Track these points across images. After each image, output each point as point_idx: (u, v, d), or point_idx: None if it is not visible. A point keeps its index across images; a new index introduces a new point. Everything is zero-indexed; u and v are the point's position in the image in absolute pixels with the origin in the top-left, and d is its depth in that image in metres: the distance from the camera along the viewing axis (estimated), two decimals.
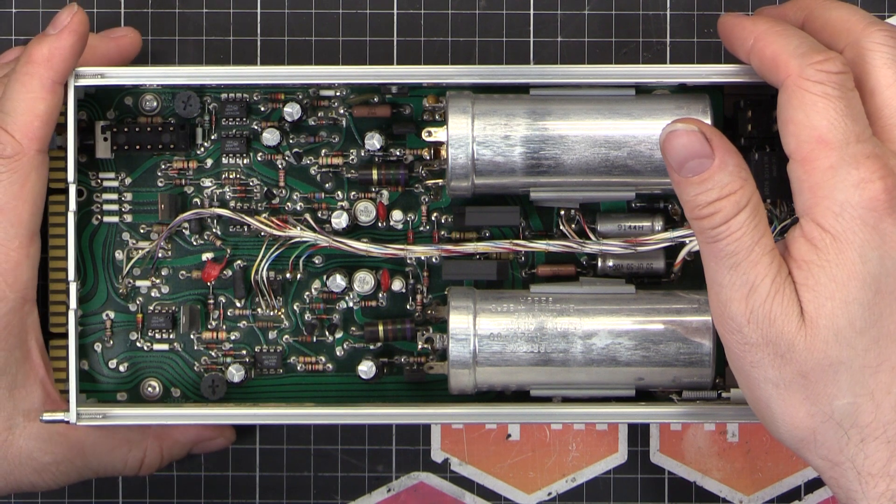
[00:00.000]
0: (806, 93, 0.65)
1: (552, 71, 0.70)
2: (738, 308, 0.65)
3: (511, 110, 0.72)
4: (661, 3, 0.80)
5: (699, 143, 0.65)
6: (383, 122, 0.75)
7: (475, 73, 0.70)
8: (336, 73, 0.71)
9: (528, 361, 0.72)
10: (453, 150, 0.72)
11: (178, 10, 0.80)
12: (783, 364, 0.65)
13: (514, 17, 0.81)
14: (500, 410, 0.72)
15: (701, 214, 0.65)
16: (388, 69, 0.71)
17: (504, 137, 0.71)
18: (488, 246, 0.74)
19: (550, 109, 0.72)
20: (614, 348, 0.72)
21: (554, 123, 0.71)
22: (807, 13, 0.70)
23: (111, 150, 0.75)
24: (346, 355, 0.76)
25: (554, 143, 0.71)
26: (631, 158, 0.71)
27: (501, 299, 0.73)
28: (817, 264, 0.64)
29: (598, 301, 0.73)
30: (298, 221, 0.75)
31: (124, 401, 0.76)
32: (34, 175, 0.71)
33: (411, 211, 0.76)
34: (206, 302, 0.76)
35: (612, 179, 0.72)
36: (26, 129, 0.70)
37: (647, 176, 0.72)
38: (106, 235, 0.76)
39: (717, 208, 0.65)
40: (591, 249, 0.74)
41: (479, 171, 0.72)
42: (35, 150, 0.71)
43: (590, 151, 0.71)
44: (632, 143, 0.71)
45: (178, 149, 0.75)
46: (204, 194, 0.76)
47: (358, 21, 0.81)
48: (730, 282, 0.65)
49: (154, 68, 0.71)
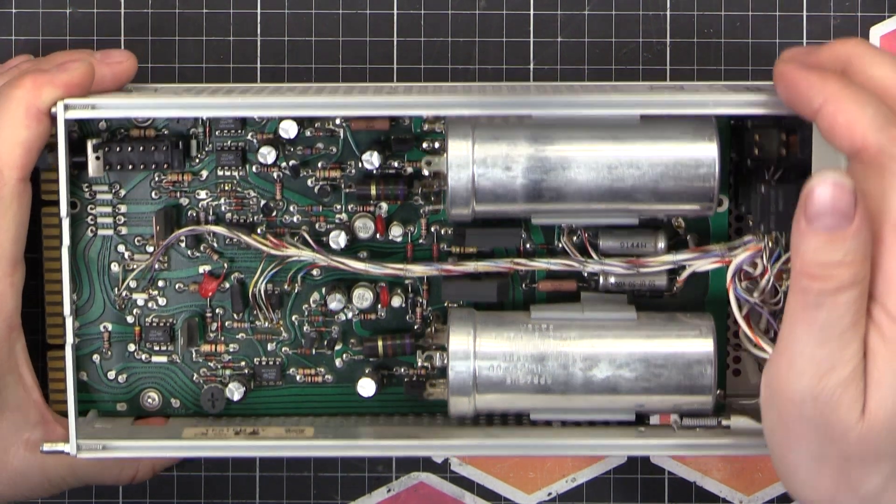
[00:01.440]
0: (887, 171, 0.61)
1: (555, 100, 0.67)
2: (810, 383, 0.61)
3: (512, 136, 0.69)
4: (661, 3, 0.78)
5: (847, 202, 0.59)
6: (381, 135, 0.73)
7: (475, 103, 0.67)
8: (331, 103, 0.68)
9: (529, 390, 0.70)
10: (453, 181, 0.69)
11: (178, 10, 0.78)
12: (829, 445, 0.62)
13: (514, 17, 0.78)
14: (500, 442, 0.71)
15: (814, 273, 0.60)
16: (389, 99, 0.68)
17: (506, 168, 0.69)
18: (489, 265, 0.72)
19: (552, 135, 0.69)
20: (615, 380, 0.70)
21: (556, 150, 0.69)
22: (846, 65, 0.65)
23: (103, 170, 0.72)
24: (345, 366, 0.75)
25: (556, 173, 0.69)
26: (635, 187, 0.69)
27: (502, 326, 0.71)
28: (884, 357, 0.61)
29: (599, 328, 0.71)
30: (296, 235, 0.73)
31: (124, 411, 0.75)
32: (15, 204, 0.68)
33: (410, 223, 0.74)
34: (204, 314, 0.74)
35: (616, 206, 0.70)
36: (7, 158, 0.67)
37: (650, 202, 0.69)
38: (101, 248, 0.74)
39: (833, 273, 0.60)
40: (593, 269, 0.72)
41: (480, 198, 0.69)
42: (16, 179, 0.68)
43: (593, 179, 0.69)
44: (636, 170, 0.69)
45: (172, 167, 0.73)
46: (199, 206, 0.74)
47: (358, 21, 0.78)
48: (811, 354, 0.61)
49: (147, 99, 0.68)
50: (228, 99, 0.68)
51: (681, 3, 0.78)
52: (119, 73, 0.72)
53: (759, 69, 0.79)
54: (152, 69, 0.79)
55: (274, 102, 0.68)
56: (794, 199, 0.67)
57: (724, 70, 0.79)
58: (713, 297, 0.74)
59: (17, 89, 0.68)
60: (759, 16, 0.79)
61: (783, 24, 0.79)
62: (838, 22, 0.79)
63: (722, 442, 0.70)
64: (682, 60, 0.78)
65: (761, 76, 0.79)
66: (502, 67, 0.79)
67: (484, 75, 0.79)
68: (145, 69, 0.79)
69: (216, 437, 0.71)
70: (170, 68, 0.79)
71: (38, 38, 0.79)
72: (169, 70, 0.79)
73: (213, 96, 0.69)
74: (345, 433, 0.72)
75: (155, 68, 0.79)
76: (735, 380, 0.76)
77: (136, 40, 0.79)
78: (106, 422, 0.74)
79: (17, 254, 0.69)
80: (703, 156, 0.69)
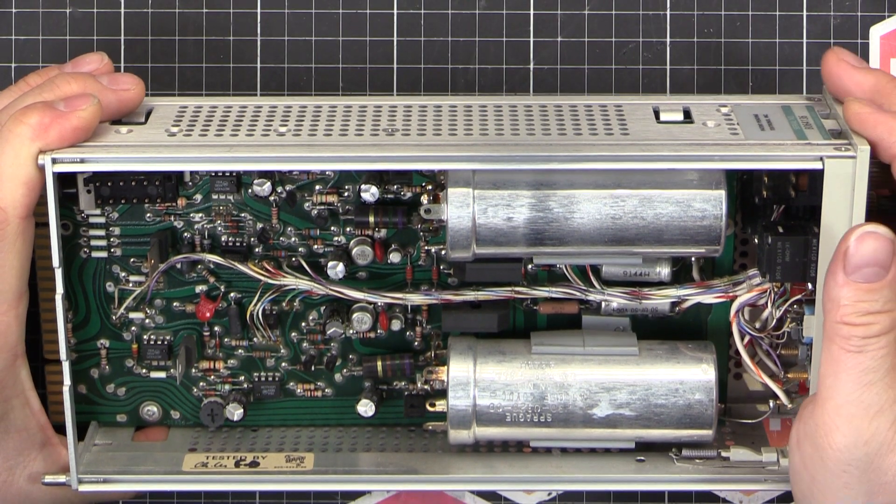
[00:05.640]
0: None
1: (562, 155, 0.63)
2: (860, 426, 0.60)
3: (514, 182, 0.65)
4: (661, 3, 0.74)
5: (886, 253, 0.60)
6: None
7: (477, 158, 0.63)
8: (328, 157, 0.63)
9: (528, 423, 0.67)
10: (453, 230, 0.65)
11: (178, 10, 0.74)
12: (878, 492, 0.61)
13: (514, 17, 0.74)
14: (501, 476, 0.68)
15: (855, 321, 0.60)
16: (387, 153, 0.63)
17: (507, 219, 0.65)
18: (489, 294, 0.69)
19: (554, 182, 0.65)
20: (615, 418, 0.67)
21: (558, 199, 0.64)
22: (877, 92, 0.64)
23: (94, 204, 0.68)
24: (345, 381, 0.72)
25: (559, 223, 0.65)
26: (639, 235, 0.65)
27: (503, 361, 0.68)
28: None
29: (600, 364, 0.68)
30: (293, 257, 0.69)
31: (124, 422, 0.72)
32: (19, 241, 0.65)
33: (410, 245, 0.70)
34: (202, 332, 0.71)
35: (619, 249, 0.66)
36: (11, 197, 0.64)
37: (654, 246, 0.65)
38: (95, 269, 0.70)
39: (875, 320, 0.60)
40: (595, 298, 0.68)
41: (481, 243, 0.65)
42: (20, 217, 0.64)
43: (596, 229, 0.65)
44: (640, 220, 0.65)
45: (165, 200, 0.68)
46: (194, 229, 0.69)
47: (358, 21, 0.74)
48: (858, 398, 0.60)
49: (139, 153, 0.63)
50: (219, 152, 0.63)
51: (681, 3, 0.74)
52: (126, 100, 0.67)
53: (758, 69, 0.75)
54: (152, 69, 0.75)
55: (268, 157, 0.63)
56: (802, 251, 0.64)
57: (724, 70, 0.75)
58: (715, 321, 0.70)
59: (23, 126, 0.63)
60: (759, 16, 0.75)
61: (783, 24, 0.75)
62: (838, 22, 0.75)
63: (721, 476, 0.68)
64: (682, 60, 0.74)
65: (761, 76, 0.75)
66: (502, 67, 0.75)
67: (484, 75, 0.75)
68: (145, 69, 0.75)
69: (216, 470, 0.69)
70: (170, 68, 0.75)
71: (38, 38, 0.75)
72: (169, 70, 0.75)
73: (203, 149, 0.64)
74: (344, 461, 0.69)
75: (155, 68, 0.75)
76: (736, 383, 0.73)
77: (136, 40, 0.75)
78: (106, 435, 0.72)
79: (21, 287, 0.66)
80: (711, 205, 0.64)
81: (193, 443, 0.71)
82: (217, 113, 0.67)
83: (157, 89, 0.75)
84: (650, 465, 0.68)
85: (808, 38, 0.75)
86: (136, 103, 0.67)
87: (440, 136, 0.64)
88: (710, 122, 0.66)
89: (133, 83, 0.67)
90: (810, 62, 0.75)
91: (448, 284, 0.70)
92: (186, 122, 0.66)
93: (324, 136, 0.65)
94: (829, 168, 0.62)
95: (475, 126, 0.65)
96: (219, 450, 0.70)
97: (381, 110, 0.67)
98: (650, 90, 0.75)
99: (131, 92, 0.67)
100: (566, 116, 0.67)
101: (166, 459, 0.69)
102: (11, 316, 0.66)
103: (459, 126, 0.66)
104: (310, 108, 0.68)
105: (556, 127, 0.65)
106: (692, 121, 0.66)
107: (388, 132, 0.65)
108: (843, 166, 0.62)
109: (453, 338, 0.69)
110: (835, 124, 0.65)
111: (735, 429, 0.71)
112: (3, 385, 0.67)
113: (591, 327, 0.70)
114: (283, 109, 0.68)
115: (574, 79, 0.75)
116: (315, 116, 0.67)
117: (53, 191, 0.63)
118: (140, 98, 0.67)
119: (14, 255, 0.65)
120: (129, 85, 0.67)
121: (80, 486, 0.67)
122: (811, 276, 0.64)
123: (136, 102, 0.67)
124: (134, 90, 0.67)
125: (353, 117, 0.67)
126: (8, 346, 0.66)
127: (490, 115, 0.67)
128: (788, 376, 0.68)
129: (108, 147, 0.64)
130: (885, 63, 0.75)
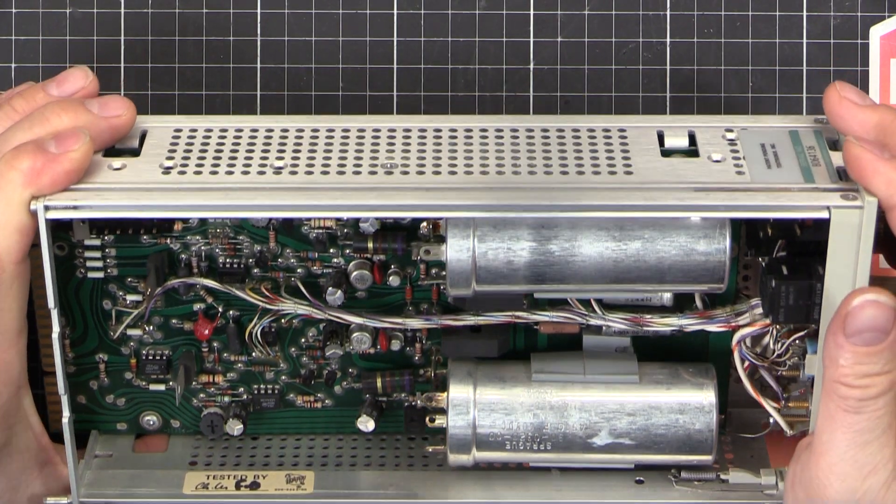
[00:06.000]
0: None
1: (563, 204, 0.61)
2: (853, 485, 0.61)
3: (514, 226, 0.63)
4: (661, 3, 0.73)
5: (886, 320, 0.59)
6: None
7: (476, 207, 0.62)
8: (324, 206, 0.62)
9: (528, 449, 0.67)
10: (453, 273, 0.64)
11: (178, 10, 0.73)
12: None
13: (514, 17, 0.73)
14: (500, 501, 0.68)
15: (854, 384, 0.60)
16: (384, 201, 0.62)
17: (507, 262, 0.64)
18: (490, 319, 0.68)
19: (556, 225, 0.63)
20: (615, 446, 0.67)
21: (559, 243, 0.63)
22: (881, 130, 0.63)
23: (89, 233, 0.67)
24: (344, 393, 0.72)
25: (560, 267, 0.64)
26: (641, 277, 0.64)
27: (503, 388, 0.67)
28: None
29: (600, 390, 0.67)
30: (291, 279, 0.68)
31: (124, 430, 0.72)
32: (16, 285, 0.64)
33: (409, 266, 0.69)
34: (200, 348, 0.71)
35: (619, 287, 0.65)
36: (4, 245, 0.62)
37: (656, 285, 0.65)
38: (92, 288, 0.69)
39: (872, 382, 0.60)
40: (596, 323, 0.68)
41: (481, 282, 0.65)
42: (14, 263, 0.63)
43: (598, 272, 0.64)
44: (643, 263, 0.63)
45: (161, 230, 0.67)
46: (191, 251, 0.68)
47: (358, 21, 0.73)
48: (853, 457, 0.60)
49: (132, 199, 0.62)
50: (215, 198, 0.62)
51: (681, 3, 0.73)
52: (117, 127, 0.65)
53: (758, 69, 0.73)
54: (152, 69, 0.74)
55: (264, 205, 0.62)
56: (806, 294, 0.63)
57: (724, 70, 0.73)
58: (716, 340, 0.70)
59: (14, 172, 0.62)
60: (759, 16, 0.73)
61: (783, 24, 0.73)
62: (838, 22, 0.73)
63: (720, 500, 0.68)
64: (682, 61, 0.73)
65: (761, 76, 0.74)
66: (502, 67, 0.73)
67: (484, 75, 0.73)
68: (145, 69, 0.74)
69: (217, 493, 0.69)
70: (170, 68, 0.74)
71: (37, 38, 0.73)
72: (169, 70, 0.74)
73: (198, 194, 0.62)
74: (345, 481, 0.69)
75: (155, 68, 0.74)
76: (736, 386, 0.72)
77: (136, 40, 0.73)
78: (106, 444, 0.72)
79: (20, 325, 0.65)
80: (714, 249, 0.63)
81: (194, 454, 0.71)
82: (212, 140, 0.66)
83: (156, 89, 0.74)
84: (649, 487, 0.68)
85: (808, 38, 0.73)
86: (129, 128, 0.66)
87: (440, 174, 0.63)
88: (716, 155, 0.64)
89: (124, 108, 0.65)
90: (810, 62, 0.73)
91: (448, 306, 0.69)
92: (181, 154, 0.65)
93: (321, 175, 0.63)
94: (836, 217, 0.61)
95: (475, 162, 0.64)
96: (219, 463, 0.70)
97: (379, 137, 0.66)
98: (650, 90, 0.73)
99: (122, 118, 0.65)
100: (568, 146, 0.65)
101: (167, 478, 0.70)
102: (13, 353, 0.65)
103: (459, 161, 0.64)
104: (307, 132, 0.66)
105: (559, 162, 0.64)
106: (697, 151, 0.65)
107: (386, 168, 0.64)
108: (850, 216, 0.61)
109: (453, 362, 0.68)
110: (841, 158, 0.63)
111: (735, 439, 0.71)
112: (8, 415, 0.67)
113: (592, 347, 0.69)
114: (279, 136, 0.66)
115: (574, 79, 0.73)
116: (312, 145, 0.65)
117: (47, 237, 0.62)
118: (131, 122, 0.66)
119: (12, 299, 0.64)
120: (120, 111, 0.65)
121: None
122: (815, 319, 0.63)
123: (129, 127, 0.66)
124: (125, 115, 0.65)
125: (350, 147, 0.65)
126: (11, 380, 0.66)
127: (491, 145, 0.65)
128: (790, 405, 0.67)
129: (101, 191, 0.63)
130: (885, 63, 0.73)
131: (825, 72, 0.74)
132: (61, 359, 0.64)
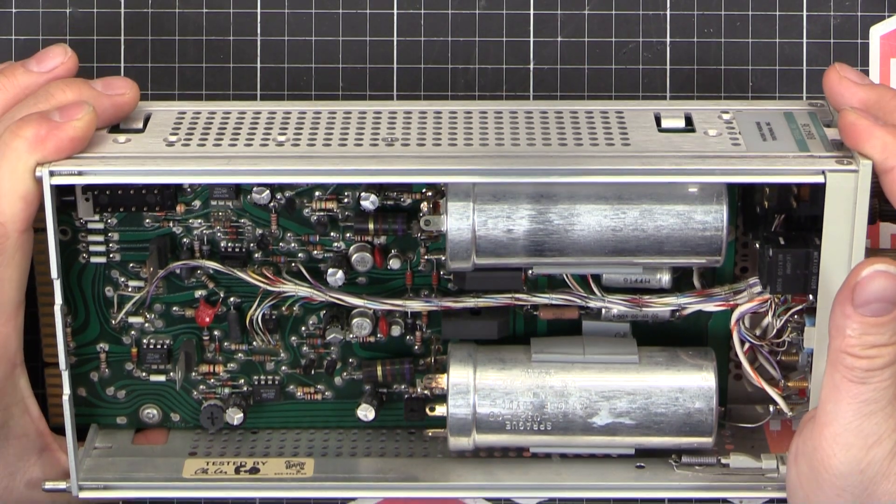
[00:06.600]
0: None
1: (562, 168, 0.62)
2: (857, 455, 0.60)
3: (514, 194, 0.64)
4: (661, 3, 0.73)
5: (894, 290, 0.59)
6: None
7: (476, 171, 0.62)
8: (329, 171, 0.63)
9: (528, 431, 0.67)
10: (453, 242, 0.64)
11: (178, 10, 0.74)
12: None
13: (514, 17, 0.73)
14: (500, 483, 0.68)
15: (861, 354, 0.60)
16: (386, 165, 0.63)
17: (507, 231, 0.64)
18: (489, 301, 0.68)
19: (555, 194, 0.64)
20: (615, 426, 0.67)
21: (559, 211, 0.64)
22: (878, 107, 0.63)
23: (93, 211, 0.67)
24: (345, 384, 0.71)
25: (559, 235, 0.64)
26: (640, 247, 0.64)
27: (503, 369, 0.67)
28: None
29: (600, 371, 0.67)
30: (293, 263, 0.69)
31: (124, 424, 0.72)
32: (18, 255, 0.64)
33: (410, 251, 0.69)
34: (201, 337, 0.71)
35: (619, 260, 0.65)
36: (10, 211, 0.63)
37: (654, 257, 0.65)
38: (94, 274, 0.69)
39: (879, 353, 0.60)
40: (595, 305, 0.68)
41: (481, 254, 0.65)
42: (18, 231, 0.63)
43: (597, 240, 0.64)
44: (641, 232, 0.64)
45: (164, 208, 0.68)
46: (193, 235, 0.69)
47: (358, 21, 0.74)
48: (857, 427, 0.60)
49: (137, 165, 0.63)
50: (218, 164, 0.62)
51: (681, 3, 0.73)
52: (121, 105, 0.66)
53: (758, 69, 0.74)
54: (152, 69, 0.74)
55: (266, 170, 0.62)
56: (803, 263, 0.63)
57: (724, 70, 0.74)
58: (715, 325, 0.70)
59: (19, 139, 0.62)
60: (758, 16, 0.74)
61: (783, 23, 0.74)
62: (838, 22, 0.74)
63: (721, 483, 0.67)
64: (682, 60, 0.74)
65: (761, 76, 0.74)
66: (502, 67, 0.74)
67: (484, 75, 0.74)
68: (145, 69, 0.74)
69: (217, 477, 0.68)
70: (170, 68, 0.74)
71: (38, 37, 0.74)
72: (169, 70, 0.74)
73: (201, 160, 0.63)
74: (344, 467, 0.69)
75: (155, 68, 0.74)
76: (736, 384, 0.72)
77: (136, 40, 0.74)
78: (106, 437, 0.71)
79: (19, 298, 0.65)
80: (712, 217, 0.64)
81: (193, 446, 0.71)
82: (215, 119, 0.67)
83: (157, 89, 0.74)
84: (650, 471, 0.68)
85: (808, 38, 0.74)
86: (132, 107, 0.66)
87: (440, 146, 0.64)
88: (712, 131, 0.65)
89: (127, 87, 0.66)
90: (810, 62, 0.74)
91: (448, 290, 0.69)
92: (185, 130, 0.66)
93: (323, 147, 0.64)
94: (831, 182, 0.61)
95: (475, 135, 0.65)
96: (219, 454, 0.70)
97: (380, 116, 0.66)
98: (650, 90, 0.74)
99: (126, 96, 0.66)
100: (567, 124, 0.66)
101: (166, 465, 0.69)
102: (10, 327, 0.65)
103: (459, 135, 0.65)
104: (309, 114, 0.67)
105: (557, 136, 0.64)
106: (693, 129, 0.65)
107: (387, 141, 0.64)
108: (845, 180, 0.61)
109: (453, 345, 0.68)
110: (836, 133, 0.64)
111: (735, 432, 0.71)
112: (3, 394, 0.66)
113: (591, 332, 0.69)
114: (282, 116, 0.67)
115: (574, 79, 0.74)
116: (314, 123, 0.66)
117: (52, 204, 0.62)
118: (135, 101, 0.66)
119: (13, 269, 0.64)
120: (123, 89, 0.66)
121: (81, 492, 0.67)
122: (812, 289, 0.63)
123: (132, 106, 0.66)
124: (129, 94, 0.66)
125: (352, 124, 0.66)
126: (7, 356, 0.66)
127: (490, 122, 0.66)
128: (789, 385, 0.67)
129: (106, 158, 0.63)
130: (885, 63, 0.74)
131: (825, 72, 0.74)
132: (63, 333, 0.64)
